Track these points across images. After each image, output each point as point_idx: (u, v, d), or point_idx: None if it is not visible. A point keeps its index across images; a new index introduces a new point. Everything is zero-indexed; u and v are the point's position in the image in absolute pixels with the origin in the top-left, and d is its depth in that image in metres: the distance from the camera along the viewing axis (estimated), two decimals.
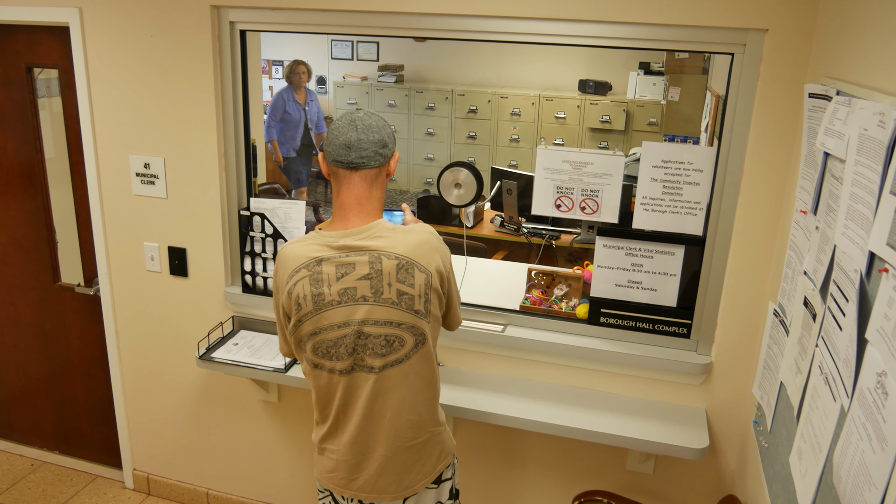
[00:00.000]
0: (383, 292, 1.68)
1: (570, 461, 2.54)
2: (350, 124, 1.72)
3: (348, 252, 1.69)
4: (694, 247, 2.24)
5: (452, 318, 1.92)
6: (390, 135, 1.77)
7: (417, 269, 1.70)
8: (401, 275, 1.68)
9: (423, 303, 1.71)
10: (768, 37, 1.95)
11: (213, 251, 2.69)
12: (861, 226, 1.22)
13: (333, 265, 1.69)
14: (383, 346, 1.71)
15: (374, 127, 1.72)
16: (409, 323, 1.71)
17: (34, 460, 3.40)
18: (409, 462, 1.83)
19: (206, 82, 2.49)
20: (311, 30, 2.38)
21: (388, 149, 1.75)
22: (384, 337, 1.70)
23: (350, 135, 1.70)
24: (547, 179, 2.33)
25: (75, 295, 3.04)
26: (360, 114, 1.75)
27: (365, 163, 1.71)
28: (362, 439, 1.80)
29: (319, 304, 1.70)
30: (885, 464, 0.99)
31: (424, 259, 1.71)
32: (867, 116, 1.25)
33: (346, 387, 1.76)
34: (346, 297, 1.69)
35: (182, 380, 2.94)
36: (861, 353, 1.15)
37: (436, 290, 1.74)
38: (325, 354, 1.74)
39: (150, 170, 2.66)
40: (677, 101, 5.80)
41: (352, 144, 1.70)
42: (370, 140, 1.71)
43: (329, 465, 1.86)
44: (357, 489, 1.84)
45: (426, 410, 1.83)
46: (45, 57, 2.75)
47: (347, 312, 1.69)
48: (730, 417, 2.31)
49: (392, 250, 1.69)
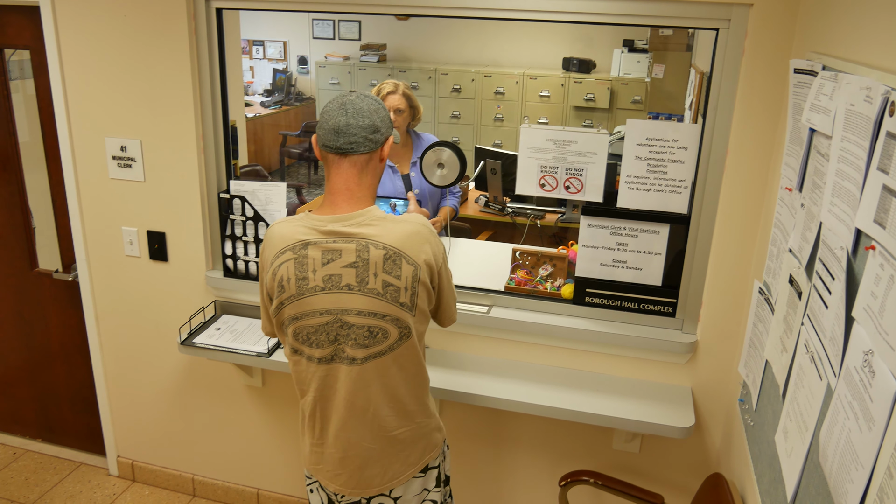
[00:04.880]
0: (368, 282, 1.63)
1: (557, 442, 2.54)
2: (340, 108, 1.65)
3: (335, 238, 1.65)
4: (679, 225, 2.23)
5: (444, 314, 1.87)
6: (384, 119, 1.70)
7: (405, 261, 1.64)
8: (387, 265, 1.63)
9: (409, 296, 1.66)
10: (753, 12, 1.93)
11: (193, 235, 2.65)
12: (847, 203, 1.20)
13: (320, 250, 1.65)
14: (366, 337, 1.66)
15: (364, 111, 1.65)
16: (393, 315, 1.66)
17: (16, 449, 3.36)
18: (394, 452, 1.80)
19: (182, 63, 2.43)
20: (290, 7, 2.33)
21: (379, 134, 1.68)
22: (367, 328, 1.66)
23: (339, 119, 1.64)
24: (531, 158, 2.30)
25: (54, 281, 3.00)
26: (352, 97, 1.67)
27: (354, 149, 1.65)
28: (345, 434, 1.76)
29: (303, 289, 1.65)
30: (872, 443, 0.99)
31: (413, 251, 1.66)
32: (854, 91, 1.23)
33: (323, 376, 1.72)
34: (331, 285, 1.64)
35: (164, 365, 2.91)
36: (848, 332, 1.15)
37: (424, 284, 1.68)
38: (305, 341, 1.70)
39: (126, 153, 2.60)
40: (661, 79, 5.78)
41: (340, 129, 1.64)
42: (360, 125, 1.64)
43: (314, 458, 1.84)
44: (342, 484, 1.81)
45: (412, 401, 1.79)
46: (16, 38, 2.68)
47: (331, 300, 1.65)
48: (715, 396, 2.32)
49: (380, 239, 1.64)
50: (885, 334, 0.98)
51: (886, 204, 1.03)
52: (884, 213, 1.03)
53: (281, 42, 8.70)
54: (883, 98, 1.09)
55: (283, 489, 2.96)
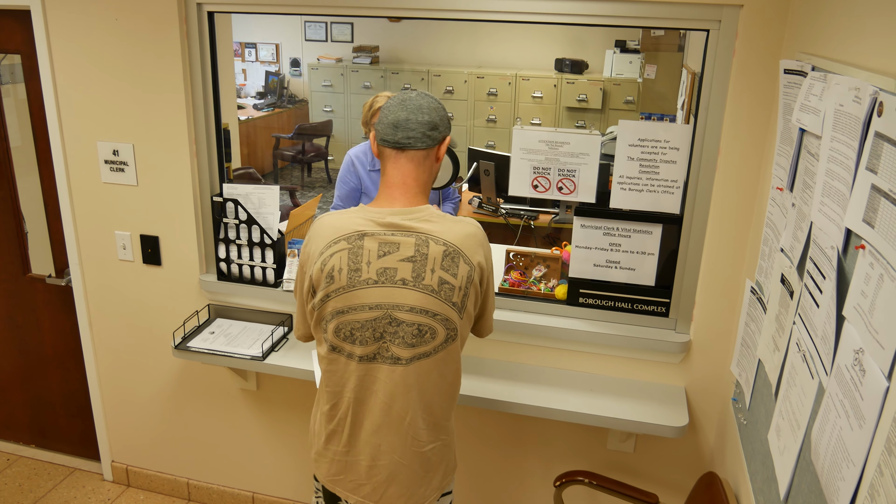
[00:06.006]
0: (424, 278, 1.59)
1: (551, 442, 2.55)
2: (400, 104, 1.65)
3: (394, 231, 1.61)
4: (671, 225, 2.24)
5: (485, 322, 1.83)
6: (443, 118, 1.69)
7: (463, 260, 1.62)
8: (446, 262, 1.60)
9: (461, 296, 1.63)
10: (743, 13, 1.94)
11: (187, 239, 2.64)
12: (837, 202, 1.21)
13: (377, 241, 1.60)
14: (414, 335, 1.61)
15: (424, 108, 1.65)
16: (444, 314, 1.61)
17: (10, 455, 3.34)
18: (420, 473, 1.73)
19: (174, 66, 2.43)
20: (282, 10, 2.33)
21: (437, 131, 1.67)
22: (417, 326, 1.60)
23: (399, 114, 1.64)
24: (523, 160, 2.31)
25: (46, 286, 2.98)
26: (412, 94, 1.68)
27: (411, 144, 1.64)
28: (376, 440, 1.69)
29: (354, 281, 1.60)
30: (863, 441, 0.99)
31: (471, 251, 1.64)
32: (843, 92, 1.24)
33: (361, 377, 1.66)
34: (385, 278, 1.59)
35: (159, 370, 2.90)
36: (839, 330, 1.15)
37: (475, 286, 1.66)
38: (347, 337, 1.63)
39: (118, 157, 2.60)
40: (653, 79, 5.80)
41: (399, 124, 1.63)
42: (418, 121, 1.64)
43: (336, 468, 1.75)
44: (365, 496, 1.73)
45: (442, 415, 1.74)
46: (7, 42, 2.67)
47: (383, 294, 1.60)
48: (709, 395, 2.33)
49: (441, 236, 1.61)
50: (875, 333, 0.99)
51: (875, 203, 1.03)
52: (872, 212, 1.04)
53: (273, 44, 8.70)
54: (871, 98, 1.10)
55: (278, 493, 2.96)
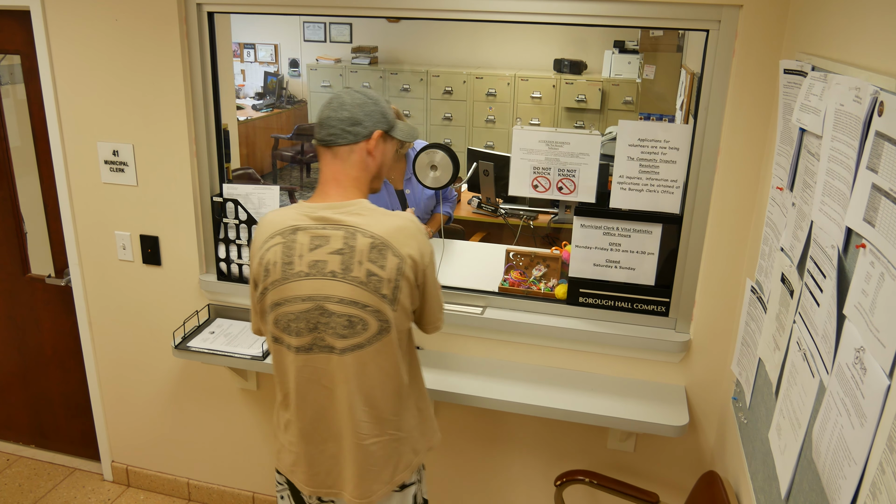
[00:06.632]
0: (353, 270, 1.63)
1: (552, 442, 2.55)
2: (327, 103, 1.73)
3: (325, 224, 1.66)
4: (671, 225, 2.24)
5: (428, 318, 1.84)
6: (370, 113, 1.73)
7: (391, 253, 1.64)
8: (373, 255, 1.63)
9: (391, 288, 1.66)
10: (743, 13, 1.94)
11: (187, 239, 2.64)
12: (838, 202, 1.21)
13: (309, 235, 1.66)
14: (345, 326, 1.65)
15: (346, 105, 1.71)
16: (374, 306, 1.64)
17: (9, 455, 3.34)
18: (365, 465, 1.76)
19: (174, 66, 2.43)
20: (281, 11, 2.33)
21: (360, 127, 1.71)
22: (347, 317, 1.64)
23: (323, 112, 1.72)
24: (523, 160, 2.31)
25: (46, 286, 2.98)
26: (342, 91, 1.75)
27: (334, 140, 1.71)
28: (321, 430, 1.75)
29: (287, 274, 1.66)
30: (864, 439, 0.99)
31: (399, 243, 1.66)
32: (843, 92, 1.24)
33: (301, 367, 1.71)
34: (316, 271, 1.65)
35: (159, 370, 2.90)
36: (839, 329, 1.16)
37: (407, 279, 1.67)
38: (285, 328, 1.69)
39: (118, 157, 2.60)
40: (652, 80, 5.80)
41: (323, 122, 1.72)
42: (338, 118, 1.70)
43: (289, 458, 1.82)
44: (315, 486, 1.80)
45: (387, 408, 1.75)
46: (7, 43, 2.67)
47: (314, 286, 1.65)
48: (709, 394, 2.33)
49: (369, 228, 1.65)
50: (875, 331, 0.99)
51: (876, 202, 1.04)
52: (873, 211, 1.04)
53: (272, 45, 8.69)
54: (872, 98, 1.10)
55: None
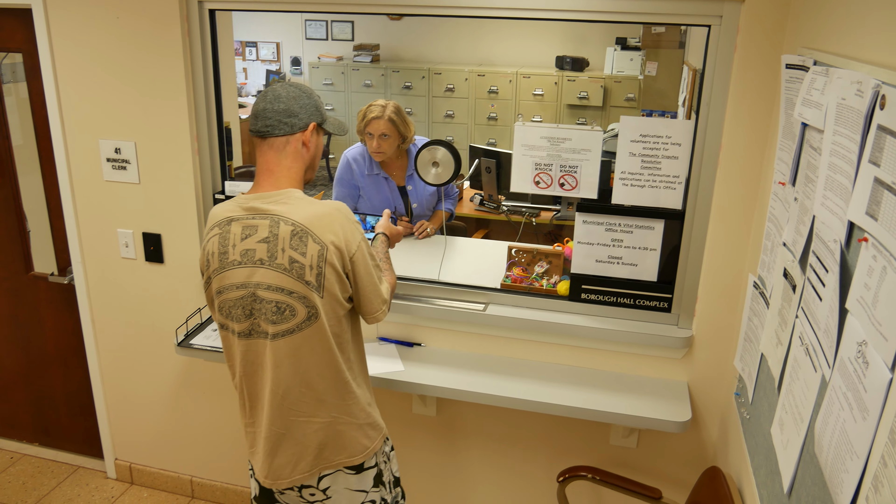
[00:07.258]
0: (277, 257, 1.68)
1: (554, 438, 2.55)
2: (262, 95, 1.78)
3: (254, 214, 1.72)
4: (673, 221, 2.24)
5: (362, 307, 1.83)
6: (305, 105, 1.78)
7: (311, 240, 1.68)
8: (294, 242, 1.68)
9: (314, 275, 1.68)
10: (745, 8, 1.94)
11: (189, 236, 2.65)
12: (840, 196, 1.21)
13: (241, 225, 1.72)
14: (274, 312, 1.70)
15: (281, 97, 1.76)
16: (299, 293, 1.68)
17: (13, 453, 3.35)
18: (302, 446, 1.79)
19: (175, 64, 2.43)
20: (283, 8, 2.33)
21: (296, 118, 1.76)
22: (276, 304, 1.69)
23: (259, 105, 1.77)
24: (525, 156, 2.31)
25: (49, 284, 2.99)
26: (277, 85, 1.79)
27: (269, 131, 1.75)
28: (265, 411, 1.79)
29: (224, 263, 1.73)
30: (867, 433, 0.99)
31: (320, 230, 1.69)
32: (845, 86, 1.24)
33: (244, 352, 1.77)
34: (246, 259, 1.71)
35: (161, 367, 2.91)
36: (842, 323, 1.15)
37: (332, 267, 1.69)
38: (227, 315, 1.77)
39: (121, 155, 2.60)
40: (654, 76, 5.79)
41: (258, 114, 1.76)
42: (274, 110, 1.74)
43: (248, 440, 1.90)
44: (260, 468, 1.85)
45: (326, 391, 1.77)
46: (8, 41, 2.67)
47: (246, 274, 1.71)
48: (711, 390, 2.33)
49: (291, 216, 1.70)
50: (878, 325, 0.99)
51: (878, 196, 1.04)
52: (875, 205, 1.04)
53: (274, 43, 8.68)
54: (873, 92, 1.10)
55: None
